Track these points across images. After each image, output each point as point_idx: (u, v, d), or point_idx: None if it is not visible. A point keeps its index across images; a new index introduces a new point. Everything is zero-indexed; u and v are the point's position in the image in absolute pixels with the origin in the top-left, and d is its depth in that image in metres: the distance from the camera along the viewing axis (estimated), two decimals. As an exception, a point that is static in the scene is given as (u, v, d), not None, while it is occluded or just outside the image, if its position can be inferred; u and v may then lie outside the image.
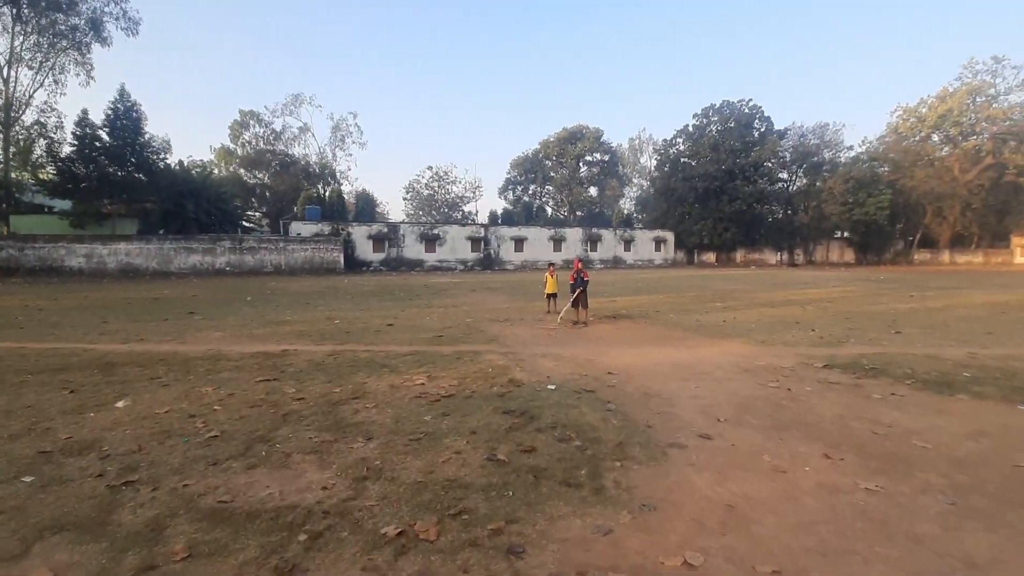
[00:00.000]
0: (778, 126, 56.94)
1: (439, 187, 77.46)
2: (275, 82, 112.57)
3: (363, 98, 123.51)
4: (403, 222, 49.43)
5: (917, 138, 56.11)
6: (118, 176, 35.55)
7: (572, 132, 75.13)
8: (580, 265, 11.67)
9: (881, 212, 52.43)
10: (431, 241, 45.92)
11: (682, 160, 58.72)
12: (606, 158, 76.77)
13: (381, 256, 43.87)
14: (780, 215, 56.56)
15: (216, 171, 58.83)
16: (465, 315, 13.00)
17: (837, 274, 35.37)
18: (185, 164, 46.88)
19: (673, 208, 57.95)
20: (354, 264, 42.14)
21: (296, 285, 24.97)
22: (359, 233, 43.47)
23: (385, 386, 5.97)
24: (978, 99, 51.84)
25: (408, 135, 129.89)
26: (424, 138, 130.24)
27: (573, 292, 11.53)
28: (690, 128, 58.22)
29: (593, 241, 53.37)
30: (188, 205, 38.16)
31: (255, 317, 12.63)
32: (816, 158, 57.22)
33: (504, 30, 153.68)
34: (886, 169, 55.61)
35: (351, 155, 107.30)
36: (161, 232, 38.11)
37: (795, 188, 59.88)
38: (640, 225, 63.08)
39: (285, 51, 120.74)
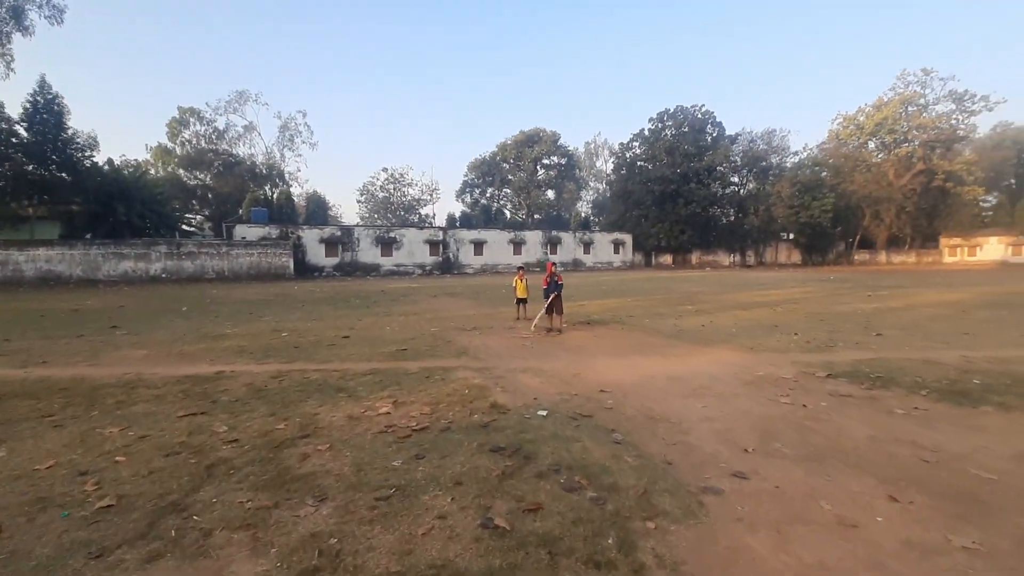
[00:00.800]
0: (728, 132, 58.67)
1: (395, 189, 75.55)
2: (218, 78, 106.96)
3: (313, 97, 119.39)
4: (358, 225, 47.51)
5: (856, 144, 59.16)
6: (37, 175, 32.20)
7: (529, 135, 74.94)
8: (553, 268, 10.91)
9: (825, 215, 54.84)
10: (387, 245, 44.27)
11: (638, 164, 59.50)
12: (563, 161, 77.02)
13: (334, 261, 41.86)
14: (732, 218, 58.17)
15: (153, 171, 54.85)
16: (428, 324, 11.98)
17: (789, 275, 36.39)
18: (116, 163, 43.20)
19: (630, 211, 58.58)
20: (305, 269, 39.98)
21: (240, 292, 23.07)
22: (310, 237, 41.30)
23: (342, 418, 4.94)
24: (910, 108, 55.18)
25: (362, 136, 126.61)
26: (379, 140, 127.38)
27: (547, 297, 10.75)
28: (646, 132, 59.08)
29: (553, 244, 53.12)
30: (118, 207, 34.99)
31: (189, 331, 11.14)
32: (764, 163, 59.30)
33: (460, 32, 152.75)
34: (828, 174, 58.29)
35: (301, 156, 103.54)
36: (88, 236, 34.76)
37: (745, 192, 61.82)
38: (598, 228, 63.41)
39: (228, 46, 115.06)
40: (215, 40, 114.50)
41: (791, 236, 61.84)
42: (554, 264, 11.16)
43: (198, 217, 57.82)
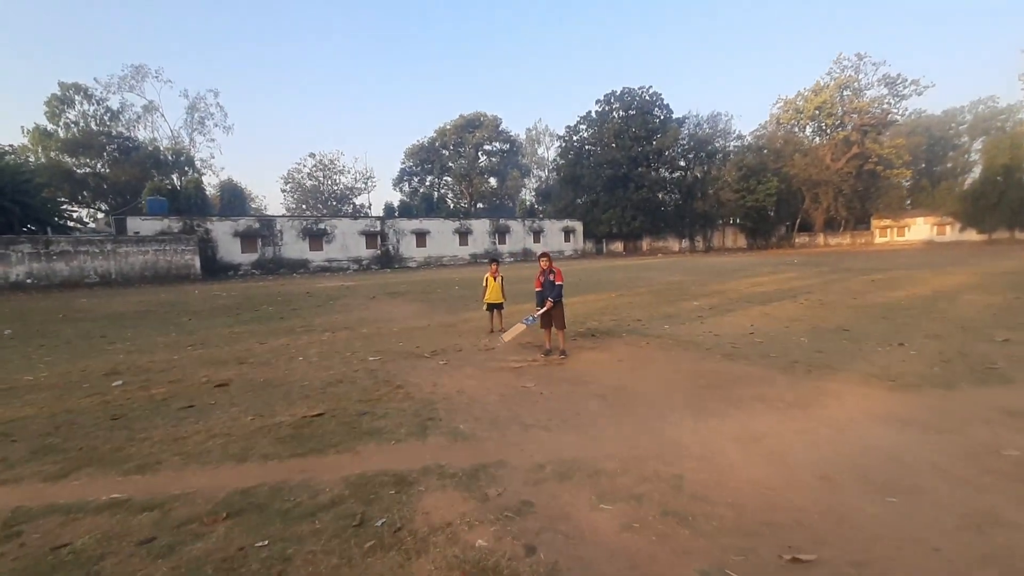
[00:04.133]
0: (675, 115, 57.39)
1: (324, 177, 69.08)
2: (109, 51, 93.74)
3: (227, 76, 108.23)
4: (281, 216, 41.74)
5: (796, 128, 59.81)
6: None
7: (469, 119, 70.78)
8: (549, 264, 7.39)
9: (769, 199, 55.00)
10: (317, 237, 39.06)
11: (586, 147, 57.05)
12: (506, 147, 73.54)
13: (253, 257, 36.24)
14: (681, 202, 57.14)
15: (31, 157, 46.09)
16: (365, 347, 8.20)
17: (747, 259, 35.03)
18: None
19: (580, 196, 56.17)
20: (216, 268, 34.21)
21: (120, 302, 17.91)
22: (222, 230, 35.44)
23: None
24: (846, 92, 56.14)
25: (287, 120, 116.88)
26: (306, 124, 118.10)
27: (540, 305, 7.28)
28: (593, 115, 56.66)
29: (501, 233, 49.69)
30: (-39, 197, 27.89)
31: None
32: (710, 147, 58.63)
33: (390, 8, 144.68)
34: (770, 157, 58.58)
35: (214, 141, 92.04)
36: (-81, 235, 27.45)
37: (691, 176, 61.16)
38: (543, 215, 60.56)
39: (121, 11, 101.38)
40: (104, 4, 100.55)
41: (735, 220, 62.01)
42: (548, 257, 7.53)
43: (83, 210, 49.50)
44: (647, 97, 54.74)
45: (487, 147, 73.15)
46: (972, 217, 51.93)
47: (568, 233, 54.44)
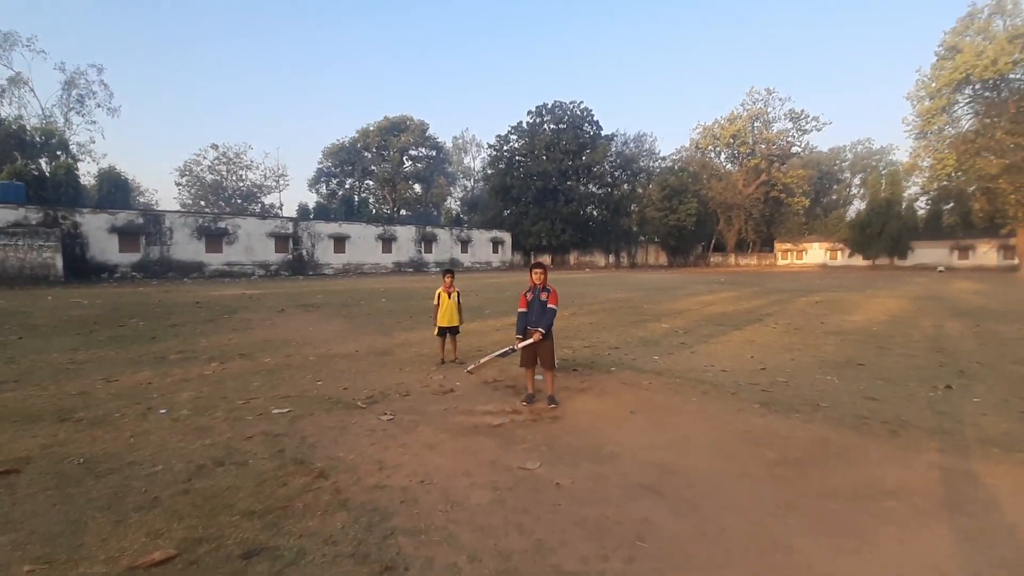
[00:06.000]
0: (604, 133, 58.31)
1: (229, 172, 62.48)
2: (-35, 13, 79.42)
3: (114, 52, 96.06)
4: (173, 212, 36.26)
5: (713, 153, 63.21)
6: None
7: (395, 122, 67.62)
8: (544, 278, 5.48)
9: (690, 218, 57.26)
10: (216, 237, 34.32)
11: (517, 158, 56.23)
12: (433, 153, 71.06)
13: (134, 257, 30.94)
14: (608, 218, 57.90)
15: None
16: (268, 388, 5.83)
17: (675, 276, 35.48)
18: None
19: (510, 207, 55.08)
20: (86, 269, 28.69)
21: (-76, 310, 13.49)
22: (96, 224, 29.89)
23: None
24: (756, 124, 60.24)
25: (189, 108, 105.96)
26: (211, 114, 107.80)
27: (522, 333, 5.39)
28: (524, 125, 56.05)
29: (428, 241, 47.16)
30: None
31: None
32: (635, 165, 60.20)
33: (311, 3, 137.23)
34: (690, 179, 61.33)
35: (96, 123, 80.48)
36: None
37: (618, 193, 62.43)
38: (470, 225, 58.74)
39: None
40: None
41: (656, 238, 64.12)
42: (544, 269, 5.49)
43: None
44: (578, 112, 55.10)
45: (413, 152, 70.27)
46: (859, 244, 57.27)
47: (497, 244, 53.05)
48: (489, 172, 59.06)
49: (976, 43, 38.62)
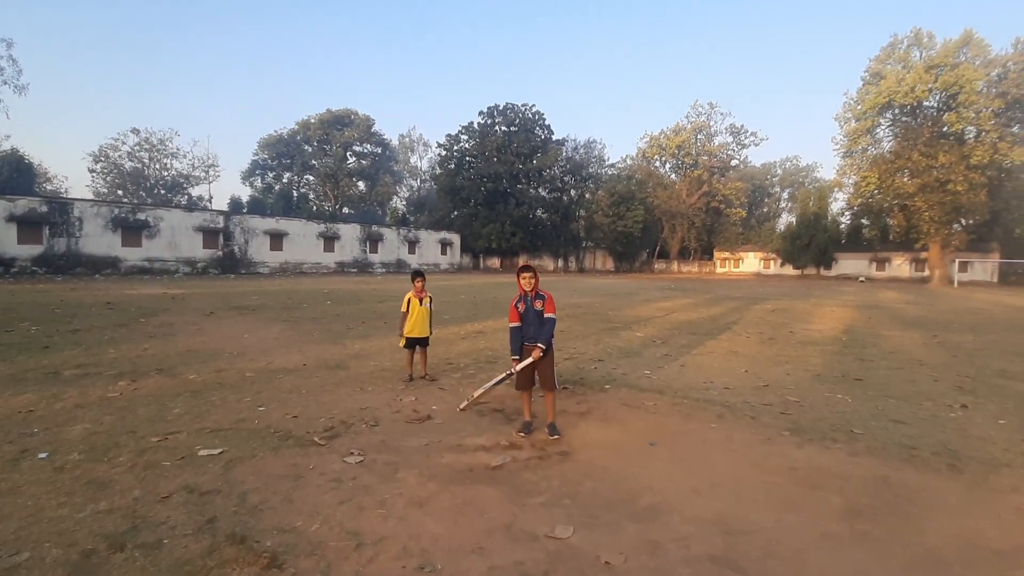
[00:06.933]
0: (555, 137, 58.42)
1: (151, 159, 57.21)
2: None
3: (24, 21, 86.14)
4: (83, 200, 32.30)
5: (659, 162, 64.96)
6: None
7: (339, 116, 64.61)
8: (536, 282, 4.65)
9: (636, 225, 58.36)
10: (134, 230, 30.93)
11: (467, 158, 55.16)
12: (378, 150, 68.52)
13: (35, 250, 27.22)
14: (558, 222, 57.98)
15: None
16: (191, 417, 4.59)
17: (625, 281, 35.74)
18: None
19: (459, 208, 53.91)
20: (-30, 262, 24.85)
21: None
22: (-16, 211, 26.01)
23: None
24: (700, 136, 62.52)
25: (108, 89, 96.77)
26: (131, 95, 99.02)
27: (518, 353, 4.51)
28: (475, 126, 55.10)
29: (373, 241, 45.13)
30: None
31: None
32: (585, 171, 60.75)
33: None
34: (637, 187, 62.71)
35: (1, 100, 71.55)
36: None
37: (567, 198, 62.77)
38: (417, 226, 57.02)
39: None
40: None
41: (605, 245, 65.07)
42: (535, 273, 4.73)
43: None
44: (530, 115, 54.85)
45: (357, 148, 67.46)
46: (790, 254, 60.64)
47: (445, 246, 51.74)
48: (439, 172, 57.62)
49: (897, 71, 41.78)
